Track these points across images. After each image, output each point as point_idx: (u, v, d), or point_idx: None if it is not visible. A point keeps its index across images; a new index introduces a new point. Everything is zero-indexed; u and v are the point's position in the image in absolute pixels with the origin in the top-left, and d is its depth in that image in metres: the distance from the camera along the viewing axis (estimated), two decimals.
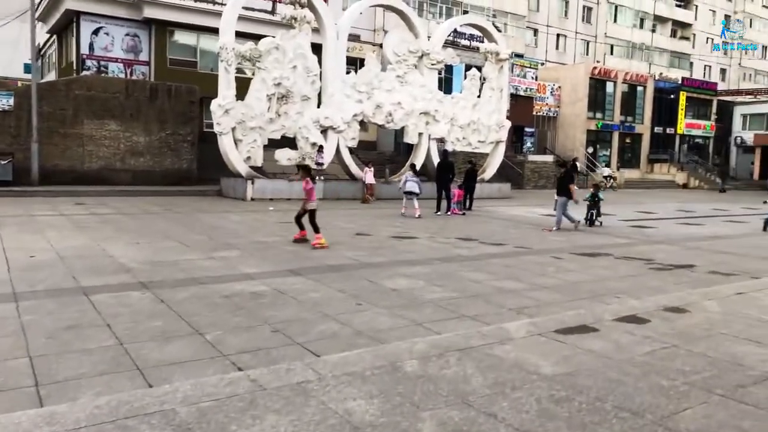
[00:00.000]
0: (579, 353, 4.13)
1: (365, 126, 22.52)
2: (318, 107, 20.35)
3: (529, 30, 45.16)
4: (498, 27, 33.00)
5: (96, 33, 25.37)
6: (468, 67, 27.38)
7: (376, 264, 8.76)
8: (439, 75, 24.58)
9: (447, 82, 30.06)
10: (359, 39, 31.15)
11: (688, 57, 55.80)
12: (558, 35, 47.95)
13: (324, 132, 20.35)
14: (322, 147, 20.06)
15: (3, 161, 18.98)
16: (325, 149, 20.22)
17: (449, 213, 16.70)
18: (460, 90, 25.32)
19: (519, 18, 42.56)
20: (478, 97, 24.24)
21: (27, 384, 3.92)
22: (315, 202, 10.38)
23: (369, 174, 20.15)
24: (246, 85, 19.24)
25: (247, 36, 22.40)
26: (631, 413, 3.21)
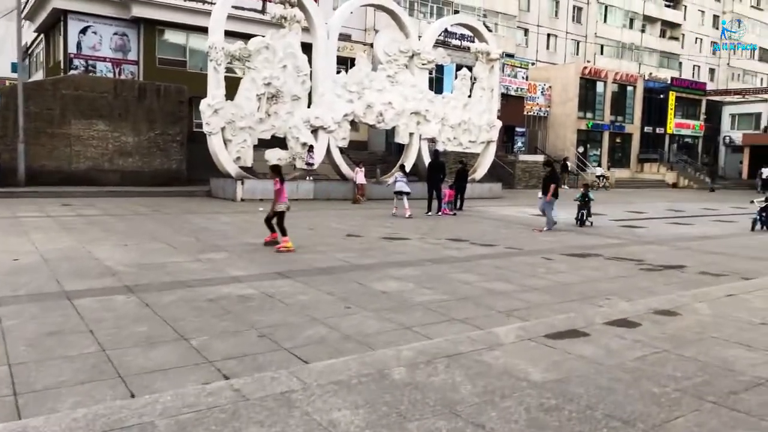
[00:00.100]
0: (569, 359, 4.07)
1: (356, 126, 22.42)
2: (308, 107, 20.24)
3: (520, 30, 45.23)
4: (489, 27, 33.02)
5: (84, 32, 25.11)
6: (459, 67, 27.36)
7: (366, 266, 8.69)
8: (430, 75, 24.53)
9: (438, 81, 30.02)
10: (350, 38, 31.05)
11: (677, 57, 56.15)
12: (548, 35, 48.07)
13: (314, 132, 20.24)
14: (312, 147, 19.96)
15: None
16: (316, 149, 20.11)
17: (440, 213, 16.65)
18: (450, 90, 25.27)
19: (510, 18, 42.61)
20: (468, 97, 24.20)
21: (5, 393, 3.82)
22: (284, 203, 9.96)
23: (360, 174, 20.06)
24: (236, 85, 19.10)
25: (237, 35, 22.25)
26: (622, 422, 3.15)
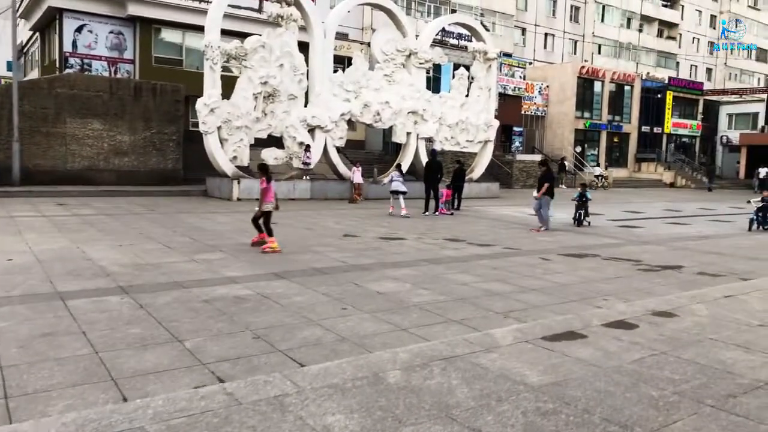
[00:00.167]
0: (566, 361, 4.03)
1: (353, 125, 22.37)
2: (305, 106, 20.17)
3: (518, 29, 45.20)
4: (486, 26, 32.99)
5: (79, 30, 24.99)
6: (456, 66, 27.30)
7: (362, 266, 8.65)
8: (427, 74, 24.49)
9: (435, 81, 29.98)
10: (347, 37, 30.98)
11: (674, 57, 56.19)
12: (546, 34, 48.05)
13: (311, 131, 20.18)
14: (309, 146, 19.89)
15: None
16: (313, 149, 20.05)
17: (437, 213, 16.62)
18: (448, 89, 25.22)
19: (507, 17, 42.58)
20: (466, 97, 24.16)
21: None
22: (271, 203, 9.81)
23: (357, 173, 20.01)
24: (232, 84, 19.03)
25: (234, 34, 22.16)
26: (620, 426, 3.11)
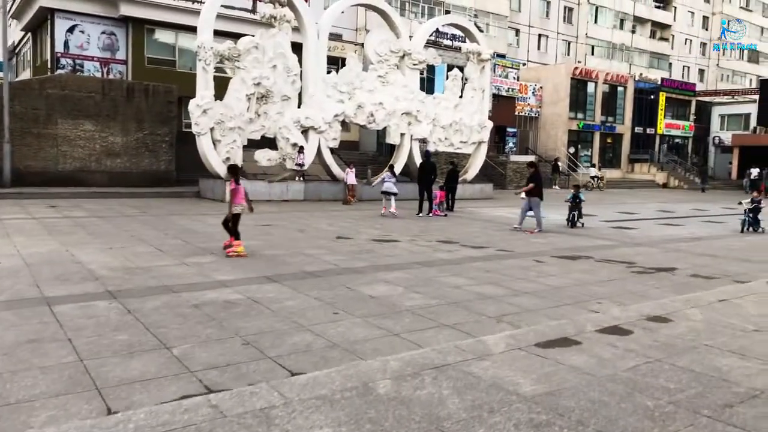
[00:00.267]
0: (560, 370, 3.97)
1: (347, 126, 22.28)
2: (299, 107, 20.08)
3: (511, 30, 45.25)
4: (480, 27, 32.98)
5: (71, 31, 24.81)
6: (450, 67, 27.27)
7: (355, 269, 8.58)
8: (421, 75, 24.42)
9: (429, 82, 29.92)
10: (341, 38, 30.91)
11: (667, 58, 56.42)
12: (540, 35, 48.13)
13: (305, 132, 20.08)
14: (302, 148, 19.79)
15: None
16: (306, 150, 19.95)
17: (431, 214, 16.57)
18: (442, 90, 25.18)
19: (501, 18, 42.62)
20: (460, 98, 24.12)
21: None
22: (240, 205, 9.62)
23: (350, 175, 19.92)
24: (226, 85, 18.91)
25: (227, 35, 22.05)
26: None
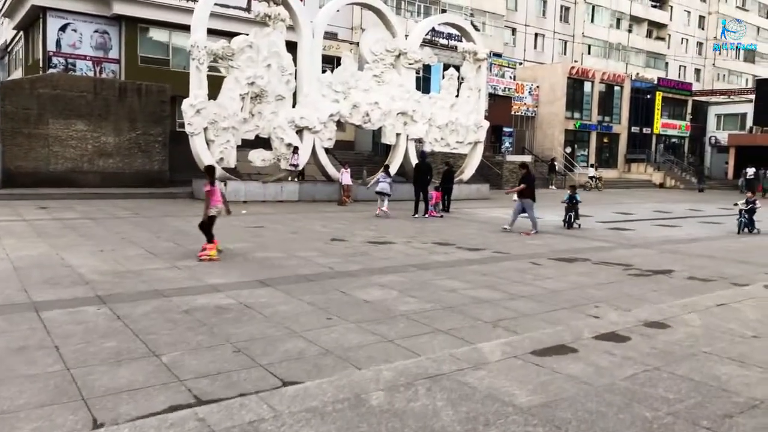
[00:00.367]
0: (557, 379, 3.88)
1: (343, 126, 22.16)
2: (293, 107, 19.95)
3: (508, 29, 45.17)
4: (476, 26, 32.91)
5: (63, 29, 24.59)
6: (446, 67, 27.15)
7: (349, 272, 8.48)
8: (417, 74, 24.33)
9: (425, 81, 29.81)
10: (336, 37, 30.76)
11: (663, 57, 56.46)
12: (536, 35, 48.07)
13: (299, 132, 19.96)
14: (297, 148, 19.66)
15: None
16: (301, 150, 19.82)
17: (427, 216, 16.48)
18: (438, 90, 25.07)
19: (497, 17, 42.54)
20: (456, 97, 24.01)
21: None
22: (216, 207, 9.37)
23: (346, 175, 19.81)
24: (219, 84, 18.77)
25: (221, 33, 21.88)
26: None
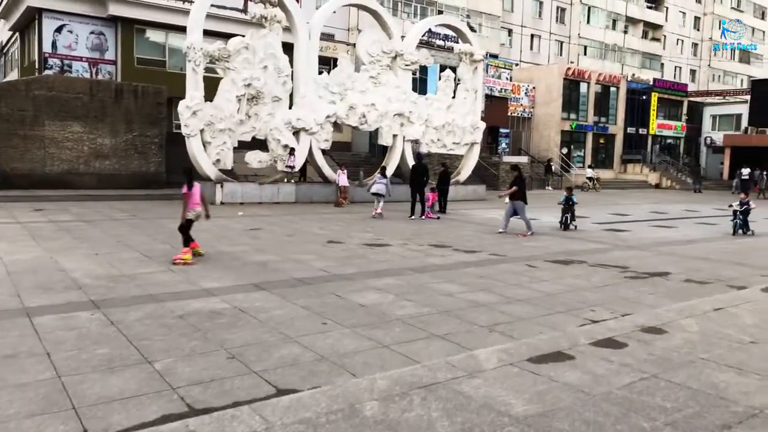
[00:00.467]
0: (553, 387, 3.84)
1: (339, 127, 22.12)
2: (290, 108, 19.89)
3: (504, 30, 45.21)
4: (473, 27, 32.91)
5: (59, 31, 24.50)
6: (443, 68, 27.14)
7: (345, 276, 8.43)
8: (414, 76, 24.27)
9: (421, 82, 29.78)
10: (333, 38, 30.74)
11: (659, 58, 56.58)
12: (532, 36, 48.13)
13: (296, 134, 19.90)
14: (293, 150, 19.61)
15: None
16: (297, 152, 19.76)
17: (423, 217, 16.45)
18: (434, 91, 25.05)
19: (494, 18, 42.56)
20: (452, 98, 23.99)
21: None
22: (193, 211, 9.30)
23: (342, 176, 19.76)
24: (216, 85, 18.70)
25: (217, 35, 21.86)
26: None
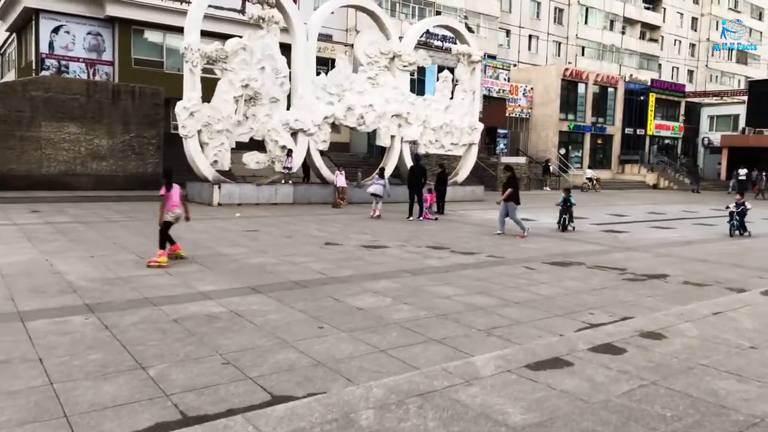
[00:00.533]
0: (551, 395, 3.80)
1: (337, 128, 22.07)
2: (288, 109, 19.85)
3: (502, 31, 45.19)
4: (471, 28, 32.89)
5: (56, 31, 24.42)
6: (440, 69, 27.10)
7: (343, 278, 8.39)
8: (412, 76, 24.26)
9: (419, 83, 29.76)
10: (331, 39, 30.70)
11: (656, 59, 56.62)
12: (530, 36, 48.13)
13: (294, 135, 19.85)
14: (291, 151, 19.55)
15: None
16: (295, 153, 19.71)
17: (421, 218, 16.41)
18: (432, 92, 25.01)
19: (491, 19, 42.54)
20: (450, 99, 23.96)
21: None
22: (172, 213, 9.11)
23: (340, 177, 19.72)
24: (214, 86, 18.65)
25: (215, 36, 21.81)
26: None
